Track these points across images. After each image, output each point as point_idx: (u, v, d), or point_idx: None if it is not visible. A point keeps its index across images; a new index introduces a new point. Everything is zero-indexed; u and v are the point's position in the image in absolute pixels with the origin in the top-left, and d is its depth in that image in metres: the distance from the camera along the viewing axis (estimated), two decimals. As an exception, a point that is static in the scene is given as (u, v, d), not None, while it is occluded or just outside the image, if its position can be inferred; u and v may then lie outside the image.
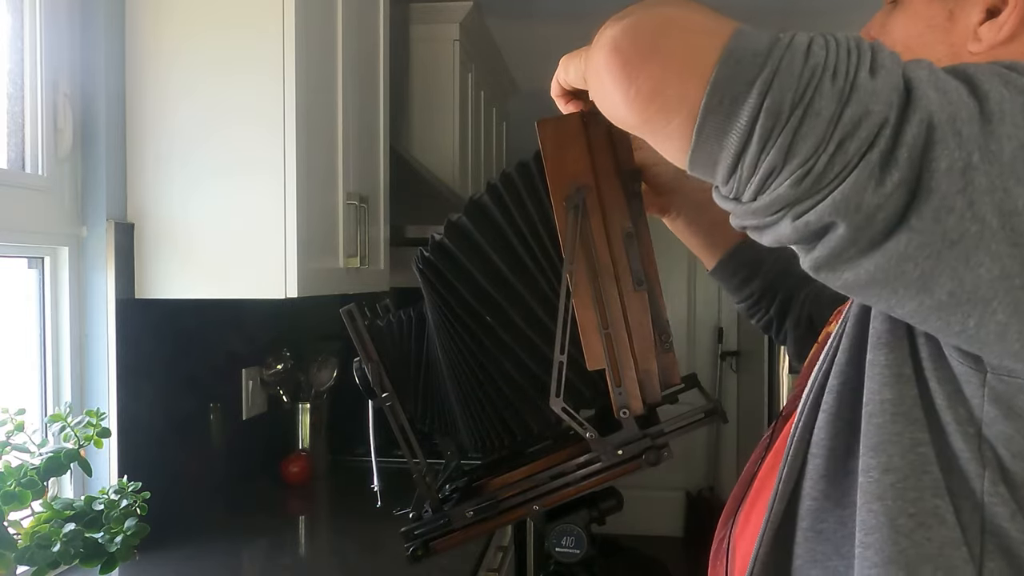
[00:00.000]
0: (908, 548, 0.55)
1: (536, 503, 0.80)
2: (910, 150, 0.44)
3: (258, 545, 1.64)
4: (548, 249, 0.78)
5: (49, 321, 1.41)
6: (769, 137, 0.46)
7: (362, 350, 0.81)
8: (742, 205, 0.50)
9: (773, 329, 1.04)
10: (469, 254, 0.79)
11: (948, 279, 0.46)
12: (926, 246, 0.45)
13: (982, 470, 0.54)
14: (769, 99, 0.45)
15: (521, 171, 0.78)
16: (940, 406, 0.56)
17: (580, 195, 0.73)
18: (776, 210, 0.48)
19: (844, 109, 0.45)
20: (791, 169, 0.46)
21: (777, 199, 0.47)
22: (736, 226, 0.53)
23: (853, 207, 0.45)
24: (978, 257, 0.45)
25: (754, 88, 0.46)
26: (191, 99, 1.46)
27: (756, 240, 0.53)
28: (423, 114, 2.75)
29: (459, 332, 0.81)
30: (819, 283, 0.93)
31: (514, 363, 0.81)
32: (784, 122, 0.45)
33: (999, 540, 0.54)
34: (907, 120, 0.45)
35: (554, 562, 0.85)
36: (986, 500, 0.54)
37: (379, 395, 0.81)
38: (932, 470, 0.55)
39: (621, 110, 0.52)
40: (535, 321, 0.79)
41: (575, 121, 0.75)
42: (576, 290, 0.75)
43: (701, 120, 0.48)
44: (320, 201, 1.60)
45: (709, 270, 1.04)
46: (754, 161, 0.47)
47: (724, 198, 0.52)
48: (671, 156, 0.53)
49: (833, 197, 0.45)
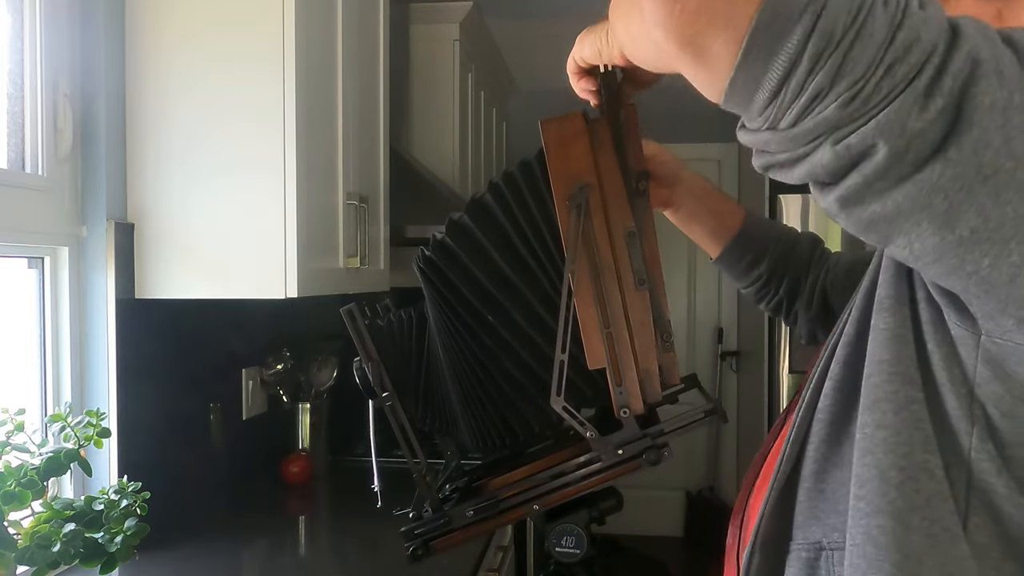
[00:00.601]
0: (897, 499, 0.57)
1: (536, 503, 0.80)
2: (955, 80, 0.45)
3: (258, 545, 1.64)
4: (550, 248, 0.78)
5: (49, 321, 1.41)
6: (819, 59, 0.46)
7: (362, 350, 0.81)
8: (779, 133, 0.50)
9: (783, 311, 1.06)
10: (471, 253, 0.79)
11: (974, 215, 0.47)
12: (959, 178, 0.46)
13: (971, 428, 0.57)
14: (823, 20, 0.46)
15: (523, 170, 0.78)
16: (936, 366, 0.58)
17: (583, 194, 0.73)
18: (817, 135, 0.48)
19: (896, 33, 0.46)
20: (839, 91, 0.46)
21: (821, 122, 0.47)
22: (763, 164, 0.54)
23: (897, 130, 0.46)
24: (1008, 194, 0.47)
25: (808, 8, 0.46)
26: (191, 98, 1.46)
27: (781, 178, 0.53)
28: (423, 114, 2.75)
29: (460, 331, 0.81)
30: (831, 263, 0.92)
31: (515, 362, 0.81)
32: (836, 44, 0.46)
33: (984, 496, 0.57)
34: (955, 49, 0.46)
35: (554, 562, 0.85)
36: (973, 456, 0.57)
37: (379, 395, 0.81)
38: (924, 427, 0.58)
39: (660, 32, 0.51)
40: (536, 320, 0.79)
41: (578, 120, 0.75)
42: (578, 289, 0.75)
43: (749, 40, 0.47)
44: (320, 201, 1.60)
45: (714, 258, 1.05)
46: (800, 83, 0.47)
47: (755, 131, 0.52)
48: (704, 83, 0.52)
49: (878, 120, 0.46)
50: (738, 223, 1.02)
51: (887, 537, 0.57)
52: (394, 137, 2.17)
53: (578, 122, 0.74)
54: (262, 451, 2.03)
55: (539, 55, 3.64)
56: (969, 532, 0.57)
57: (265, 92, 1.44)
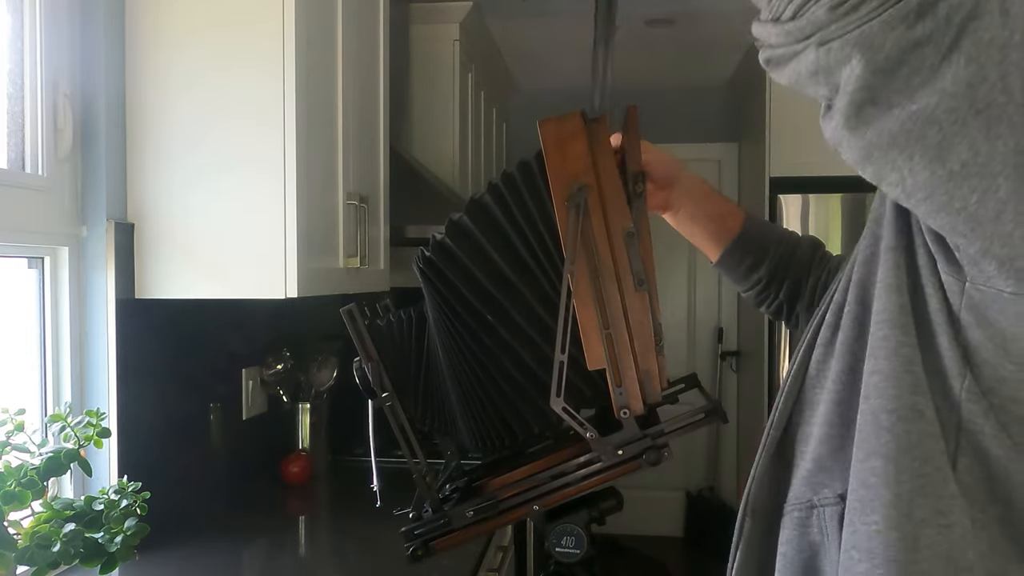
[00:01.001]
0: (889, 441, 0.59)
1: (536, 503, 0.80)
2: (951, 8, 0.46)
3: (258, 545, 1.64)
4: (549, 248, 0.78)
5: (49, 321, 1.41)
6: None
7: (362, 350, 0.81)
8: (779, 25, 0.53)
9: (784, 314, 1.05)
10: (470, 253, 0.79)
11: (966, 148, 0.48)
12: (954, 111, 0.48)
13: (964, 370, 0.58)
14: None
15: (522, 170, 0.77)
16: (932, 309, 0.60)
17: (581, 194, 0.73)
18: (808, 34, 0.51)
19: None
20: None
21: (812, 21, 0.50)
22: (764, 58, 0.57)
23: (877, 44, 0.48)
24: (999, 128, 0.48)
25: None
26: (191, 98, 1.46)
27: (776, 76, 0.57)
28: (423, 114, 2.75)
29: (460, 331, 0.81)
30: (832, 265, 0.92)
31: (515, 362, 0.81)
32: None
33: (972, 437, 0.58)
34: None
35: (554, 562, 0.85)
36: (964, 398, 0.58)
37: (379, 395, 0.81)
38: (915, 370, 0.59)
39: None
40: (536, 320, 0.79)
41: (576, 120, 0.75)
42: (577, 289, 0.75)
43: None
44: (320, 201, 1.60)
45: (714, 262, 1.04)
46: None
47: (763, 22, 0.55)
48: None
49: (861, 30, 0.48)
50: (738, 225, 1.01)
51: (878, 478, 0.59)
52: (394, 137, 2.17)
53: (576, 122, 0.74)
54: (262, 451, 2.03)
55: (539, 55, 3.65)
56: (958, 472, 0.58)
57: (265, 92, 1.44)
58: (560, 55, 3.62)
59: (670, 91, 4.24)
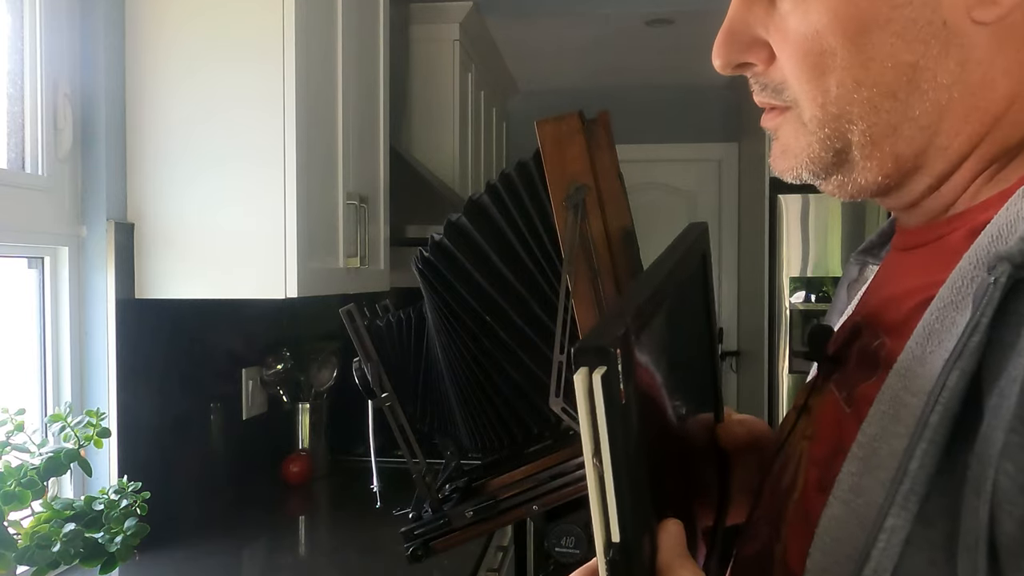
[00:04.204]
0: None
1: (536, 503, 0.80)
2: None
3: (258, 545, 1.64)
4: (548, 249, 0.78)
5: (49, 321, 1.41)
6: None
7: (362, 350, 0.81)
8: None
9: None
10: (469, 254, 0.79)
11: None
12: None
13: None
14: None
15: (520, 171, 0.78)
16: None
17: (579, 194, 0.73)
18: None
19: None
20: None
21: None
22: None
23: None
24: None
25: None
26: (191, 100, 1.46)
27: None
28: (423, 114, 2.75)
29: (459, 332, 0.81)
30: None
31: (514, 363, 0.81)
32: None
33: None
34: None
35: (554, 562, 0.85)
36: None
37: (379, 395, 0.81)
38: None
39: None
40: (535, 321, 0.79)
41: (574, 121, 0.75)
42: (576, 290, 0.75)
43: None
44: (320, 201, 1.60)
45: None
46: None
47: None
48: None
49: None
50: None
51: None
52: (394, 137, 2.17)
53: (574, 123, 0.74)
54: (262, 451, 2.03)
55: (539, 55, 3.65)
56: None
57: (265, 91, 1.44)
58: (560, 55, 3.63)
59: (670, 91, 4.24)
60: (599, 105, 0.82)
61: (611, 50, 3.58)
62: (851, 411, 0.53)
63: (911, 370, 0.46)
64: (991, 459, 0.39)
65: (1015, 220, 0.46)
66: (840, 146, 0.53)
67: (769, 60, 0.56)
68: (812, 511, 0.50)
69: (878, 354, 0.53)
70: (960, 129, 0.51)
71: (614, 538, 0.37)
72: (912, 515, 0.41)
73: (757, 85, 0.59)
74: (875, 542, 0.42)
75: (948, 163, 0.53)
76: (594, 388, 0.35)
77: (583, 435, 0.36)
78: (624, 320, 0.38)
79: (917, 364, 0.46)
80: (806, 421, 0.61)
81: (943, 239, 0.54)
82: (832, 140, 0.53)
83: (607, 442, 0.36)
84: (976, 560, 0.38)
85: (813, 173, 0.56)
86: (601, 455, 0.36)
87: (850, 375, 0.56)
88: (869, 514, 0.44)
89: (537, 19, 3.18)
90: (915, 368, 0.46)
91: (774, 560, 0.57)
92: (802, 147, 0.55)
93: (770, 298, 3.68)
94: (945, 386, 0.41)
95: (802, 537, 0.50)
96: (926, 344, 0.46)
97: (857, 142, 0.53)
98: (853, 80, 0.51)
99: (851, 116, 0.52)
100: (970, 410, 0.41)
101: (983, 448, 0.39)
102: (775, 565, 0.57)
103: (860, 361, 0.55)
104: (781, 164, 0.58)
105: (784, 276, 3.64)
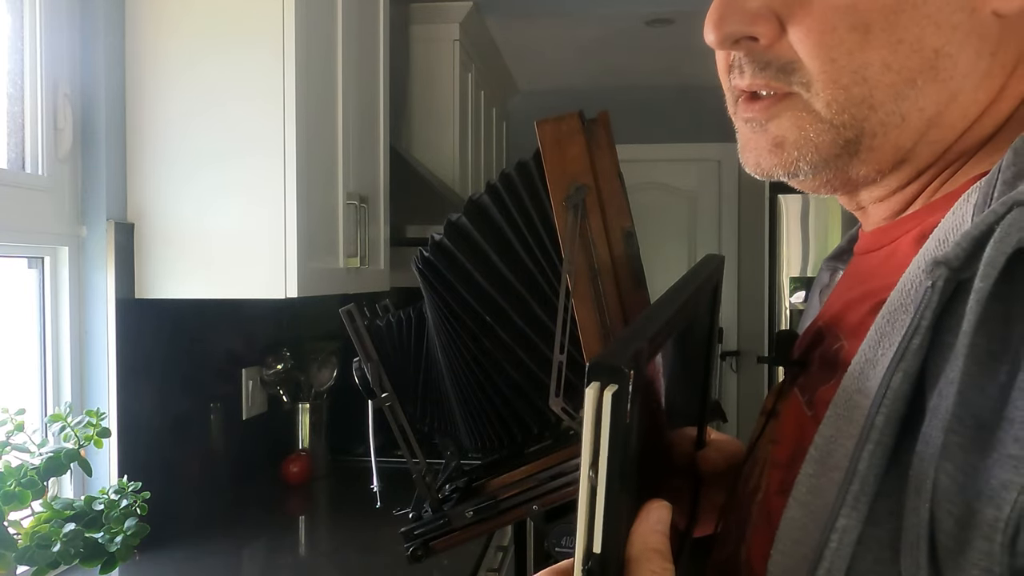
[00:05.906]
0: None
1: (536, 503, 0.80)
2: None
3: (258, 545, 1.64)
4: (548, 249, 0.78)
5: (49, 321, 1.41)
6: None
7: (361, 350, 0.81)
8: None
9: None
10: (468, 254, 0.79)
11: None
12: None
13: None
14: None
15: (520, 171, 0.78)
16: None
17: (579, 194, 0.74)
18: None
19: None
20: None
21: None
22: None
23: None
24: None
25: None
26: (190, 100, 1.47)
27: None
28: (423, 114, 2.75)
29: (459, 332, 0.81)
30: None
31: (514, 363, 0.81)
32: None
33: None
34: None
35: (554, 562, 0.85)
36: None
37: (379, 395, 0.81)
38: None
39: None
40: (535, 321, 0.79)
41: (574, 121, 0.75)
42: (575, 289, 0.75)
43: None
44: (320, 201, 1.60)
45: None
46: None
47: None
48: None
49: None
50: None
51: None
52: (394, 137, 2.17)
53: (574, 123, 0.74)
54: (262, 451, 2.04)
55: (539, 55, 3.65)
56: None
57: (265, 88, 1.44)
58: (560, 55, 3.63)
59: (670, 91, 4.24)
60: (599, 105, 0.82)
61: (611, 50, 3.58)
62: (812, 414, 0.52)
63: (863, 372, 0.46)
64: (931, 459, 0.39)
65: (960, 224, 0.45)
66: (852, 135, 0.49)
67: (776, 35, 0.50)
68: (774, 513, 0.50)
69: (837, 357, 0.52)
70: (955, 124, 0.49)
71: (595, 549, 0.38)
72: (863, 515, 0.41)
73: (753, 64, 0.52)
74: (827, 542, 0.42)
75: (932, 158, 0.50)
76: (603, 405, 0.36)
77: (584, 446, 0.37)
78: (641, 344, 0.38)
79: (869, 366, 0.46)
80: (773, 425, 0.61)
81: (896, 242, 0.53)
82: (847, 128, 0.49)
83: (606, 458, 0.36)
84: (918, 559, 0.38)
85: (812, 166, 0.51)
86: (598, 469, 0.37)
87: (812, 378, 0.55)
88: (823, 515, 0.44)
89: (537, 19, 3.18)
90: (867, 370, 0.46)
91: (740, 562, 0.57)
92: (806, 138, 0.50)
93: (770, 298, 3.68)
94: (889, 387, 0.41)
95: (765, 539, 0.50)
96: (878, 347, 0.46)
97: (870, 131, 0.49)
98: (882, 62, 0.47)
99: (872, 102, 0.48)
100: (915, 411, 0.41)
101: (923, 448, 0.40)
102: (741, 567, 0.57)
103: (822, 364, 0.54)
104: (769, 160, 0.52)
105: (784, 276, 3.64)
